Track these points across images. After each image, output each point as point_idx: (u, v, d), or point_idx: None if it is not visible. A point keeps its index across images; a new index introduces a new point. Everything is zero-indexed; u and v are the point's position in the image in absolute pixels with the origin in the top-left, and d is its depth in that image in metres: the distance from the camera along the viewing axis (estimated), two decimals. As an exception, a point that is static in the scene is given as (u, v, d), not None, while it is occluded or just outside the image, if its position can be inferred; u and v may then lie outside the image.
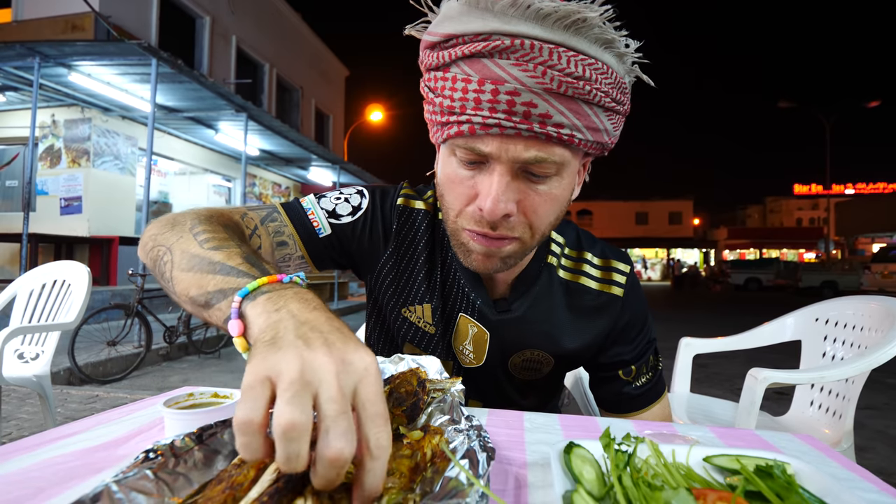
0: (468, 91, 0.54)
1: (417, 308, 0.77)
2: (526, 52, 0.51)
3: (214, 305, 0.48)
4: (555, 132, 0.53)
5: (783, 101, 22.16)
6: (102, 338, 4.10)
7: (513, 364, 0.77)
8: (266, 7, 11.88)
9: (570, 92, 0.52)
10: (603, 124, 0.57)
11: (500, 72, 0.52)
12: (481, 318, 0.74)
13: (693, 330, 5.75)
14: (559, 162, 0.56)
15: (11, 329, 1.80)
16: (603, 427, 0.59)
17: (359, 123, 15.17)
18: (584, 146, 0.57)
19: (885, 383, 3.99)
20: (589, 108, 0.55)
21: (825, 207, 26.94)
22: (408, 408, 0.50)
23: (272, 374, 0.32)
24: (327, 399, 0.31)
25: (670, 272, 24.18)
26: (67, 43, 5.23)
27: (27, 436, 0.53)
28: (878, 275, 15.83)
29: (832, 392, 1.37)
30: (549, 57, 0.51)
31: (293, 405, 0.30)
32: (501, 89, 0.52)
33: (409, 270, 0.77)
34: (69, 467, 0.45)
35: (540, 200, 0.59)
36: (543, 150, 0.55)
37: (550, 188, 0.59)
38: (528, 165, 0.56)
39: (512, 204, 0.57)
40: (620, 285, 0.77)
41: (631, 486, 0.36)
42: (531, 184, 0.58)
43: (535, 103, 0.52)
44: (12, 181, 7.89)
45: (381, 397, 0.33)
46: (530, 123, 0.53)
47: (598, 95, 0.54)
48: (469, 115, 0.54)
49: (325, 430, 0.31)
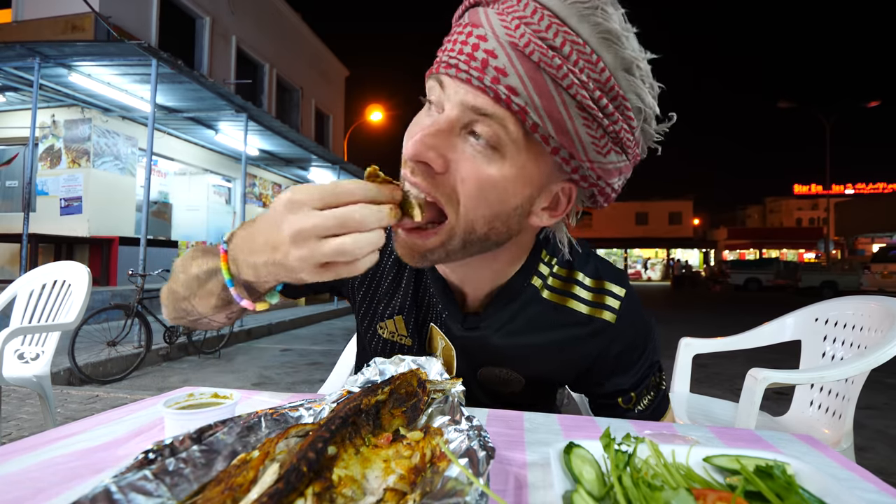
0: (456, 36, 0.52)
1: (389, 323, 0.76)
2: (512, 5, 0.49)
3: (211, 278, 0.59)
4: (505, 94, 0.48)
5: (783, 102, 22.18)
6: (102, 338, 4.10)
7: (483, 377, 0.74)
8: (266, 7, 11.89)
9: (536, 57, 0.47)
10: (574, 127, 0.49)
11: (483, 18, 0.50)
12: (447, 332, 0.72)
13: (693, 330, 5.75)
14: (505, 130, 0.50)
15: (11, 329, 1.80)
16: (603, 427, 0.59)
17: (359, 124, 15.17)
18: (546, 141, 0.50)
19: (885, 383, 3.99)
20: (557, 93, 0.48)
21: (825, 207, 26.93)
22: (408, 408, 0.50)
23: (286, 229, 0.48)
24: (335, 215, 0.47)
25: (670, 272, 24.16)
26: (67, 43, 5.24)
27: (27, 436, 0.53)
28: (877, 275, 15.85)
29: (832, 392, 1.38)
30: (531, 15, 0.48)
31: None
32: (475, 32, 0.50)
33: (378, 284, 0.77)
34: (69, 467, 0.45)
35: (472, 170, 0.52)
36: (491, 105, 0.49)
37: (489, 162, 0.52)
38: (473, 122, 0.51)
39: (436, 154, 0.51)
40: (613, 310, 0.68)
41: (631, 486, 0.36)
42: (472, 149, 0.52)
43: (496, 54, 0.48)
44: (12, 181, 7.89)
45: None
46: (483, 73, 0.49)
47: (572, 81, 0.48)
48: (443, 55, 0.52)
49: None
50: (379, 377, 0.61)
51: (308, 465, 0.33)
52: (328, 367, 4.31)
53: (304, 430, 0.41)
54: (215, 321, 0.67)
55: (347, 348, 1.24)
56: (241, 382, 3.98)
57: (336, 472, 0.36)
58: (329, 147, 14.63)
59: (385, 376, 0.61)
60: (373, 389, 0.49)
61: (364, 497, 0.36)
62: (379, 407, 0.48)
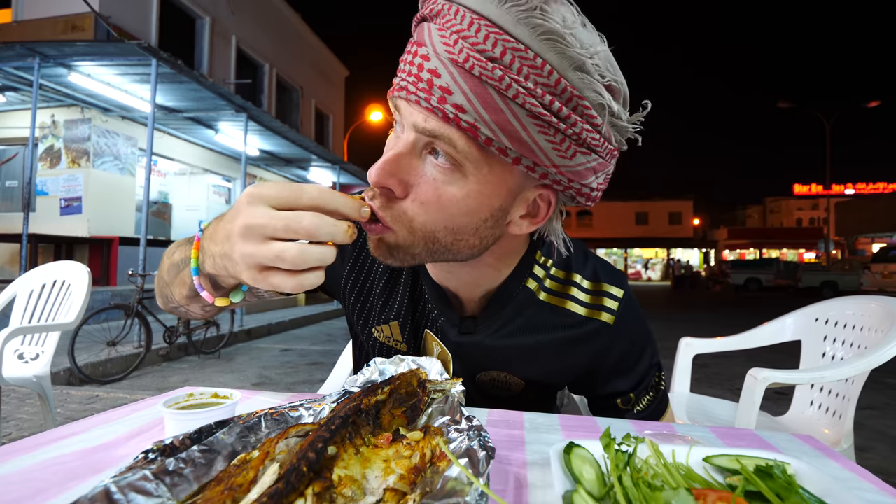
0: (405, 53, 0.51)
1: (384, 328, 0.75)
2: (450, 19, 0.47)
3: (185, 266, 0.60)
4: (452, 113, 0.47)
5: (783, 101, 22.17)
6: (102, 338, 4.10)
7: (481, 381, 0.74)
8: (266, 7, 11.88)
9: (477, 72, 0.45)
10: (530, 135, 0.48)
11: (426, 35, 0.49)
12: (443, 337, 0.71)
13: (693, 330, 5.74)
14: (462, 151, 0.49)
15: (11, 329, 1.80)
16: (603, 427, 0.59)
17: (359, 124, 15.17)
18: (504, 153, 0.49)
19: (885, 383, 3.99)
20: (505, 105, 0.46)
21: (825, 207, 26.95)
22: (408, 408, 0.50)
23: (251, 223, 0.45)
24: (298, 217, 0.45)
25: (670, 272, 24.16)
26: (67, 43, 5.24)
27: (27, 436, 0.53)
28: (877, 275, 15.83)
29: (832, 392, 1.38)
30: (468, 27, 0.46)
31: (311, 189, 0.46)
32: (419, 52, 0.49)
33: (370, 289, 0.76)
34: (69, 468, 0.45)
35: (430, 192, 0.51)
36: (442, 127, 0.48)
37: (450, 182, 0.51)
38: (429, 143, 0.50)
39: (393, 179, 0.51)
40: (612, 311, 0.68)
41: (631, 486, 0.36)
42: (433, 169, 0.51)
43: (438, 73, 0.47)
44: (12, 181, 7.89)
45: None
46: (430, 94, 0.47)
47: (517, 91, 0.45)
48: (397, 77, 0.51)
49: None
50: (379, 377, 0.61)
51: (308, 465, 0.33)
52: (328, 367, 4.31)
53: (304, 430, 0.41)
54: (192, 312, 0.65)
55: (348, 348, 1.24)
56: (241, 382, 3.98)
57: (336, 472, 0.36)
58: (329, 147, 14.63)
59: (385, 376, 0.61)
60: (373, 389, 0.49)
61: (364, 497, 0.36)
62: (379, 407, 0.48)
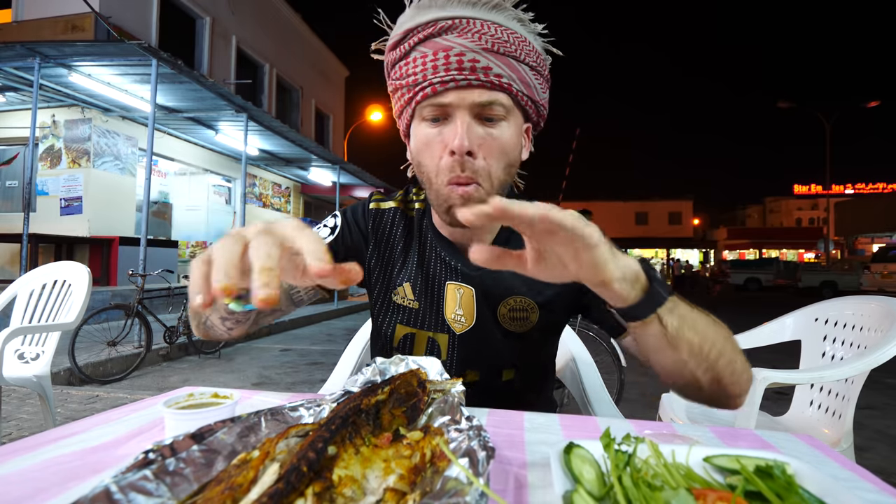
0: (427, 63, 0.70)
1: (400, 290, 0.86)
2: (465, 27, 0.69)
3: None
4: (496, 80, 0.69)
5: (783, 101, 22.15)
6: (102, 338, 4.10)
7: (501, 315, 0.82)
8: (266, 7, 11.88)
9: (502, 50, 0.69)
10: (531, 80, 0.73)
11: (448, 43, 0.69)
12: (464, 277, 0.82)
13: (693, 330, 5.72)
14: (506, 105, 0.71)
15: (12, 329, 1.80)
16: (603, 427, 0.59)
17: (359, 124, 15.17)
18: (520, 97, 0.72)
19: (885, 383, 3.99)
20: (518, 65, 0.71)
21: (825, 207, 26.93)
22: (408, 408, 0.50)
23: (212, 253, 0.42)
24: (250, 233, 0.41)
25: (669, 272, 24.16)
26: (67, 43, 5.24)
27: (27, 436, 0.53)
28: (877, 275, 15.82)
29: (832, 392, 1.38)
30: (482, 28, 0.69)
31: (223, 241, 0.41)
32: (451, 53, 0.68)
33: (391, 260, 0.87)
34: (69, 468, 0.45)
35: (495, 144, 0.71)
36: (492, 95, 0.69)
37: (501, 132, 0.71)
38: (482, 110, 0.69)
39: (474, 144, 0.69)
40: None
41: (631, 486, 0.36)
42: (486, 128, 0.70)
43: (477, 59, 0.68)
44: (12, 181, 7.89)
45: (277, 227, 0.42)
46: (477, 75, 0.68)
47: (523, 55, 0.71)
48: (430, 79, 0.69)
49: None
50: (379, 377, 0.61)
51: (308, 465, 0.33)
52: (328, 367, 4.31)
53: (304, 430, 0.41)
54: (216, 328, 0.73)
55: (349, 348, 1.24)
56: (241, 382, 3.97)
57: (336, 472, 0.36)
58: (329, 147, 14.63)
59: (385, 376, 0.61)
60: (373, 389, 0.49)
61: (364, 497, 0.36)
62: (379, 407, 0.48)
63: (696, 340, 0.57)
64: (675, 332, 0.55)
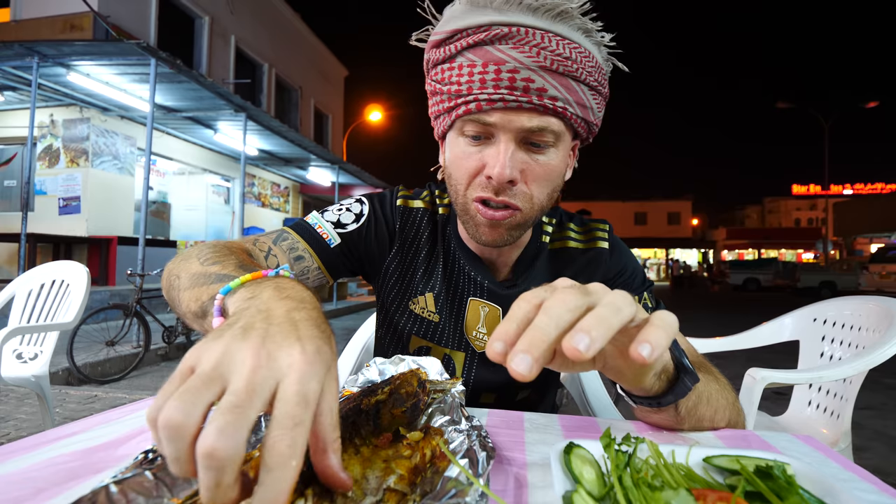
0: (474, 74, 0.61)
1: (420, 299, 0.81)
2: (522, 38, 0.59)
3: (209, 312, 0.50)
4: (550, 104, 0.61)
5: (781, 102, 22.19)
6: (101, 338, 4.09)
7: None
8: (265, 7, 11.87)
9: (561, 69, 0.60)
10: (589, 102, 0.65)
11: (501, 55, 0.60)
12: (491, 296, 0.79)
13: (692, 330, 5.74)
14: (557, 131, 0.63)
15: (10, 329, 1.79)
16: (603, 427, 0.59)
17: (358, 123, 15.16)
18: (574, 121, 0.64)
19: (883, 383, 4.00)
20: (577, 85, 0.62)
21: (823, 208, 26.98)
22: (408, 409, 0.50)
23: (194, 365, 0.30)
24: (229, 392, 0.28)
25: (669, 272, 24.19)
26: (66, 43, 5.22)
27: (26, 436, 0.53)
28: (876, 275, 15.86)
29: (830, 392, 1.38)
30: (542, 40, 0.60)
31: (180, 400, 0.27)
32: (503, 69, 0.60)
33: (413, 266, 0.82)
34: (68, 468, 0.45)
35: (540, 171, 0.65)
36: (543, 120, 0.62)
37: (549, 159, 0.65)
38: (530, 135, 0.62)
39: (517, 171, 0.63)
40: (605, 239, 0.84)
41: (631, 486, 0.36)
42: (532, 154, 0.64)
43: (532, 79, 0.60)
44: (11, 181, 7.88)
45: (303, 399, 0.29)
46: (529, 96, 0.60)
47: (584, 74, 0.62)
48: (476, 93, 0.61)
49: (207, 423, 0.27)
50: (379, 377, 0.61)
51: (308, 465, 0.33)
52: (327, 366, 4.29)
53: (304, 430, 0.41)
54: (193, 326, 0.62)
55: (348, 348, 1.24)
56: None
57: (336, 472, 0.36)
58: (328, 147, 14.62)
59: (385, 376, 0.61)
60: (373, 389, 0.49)
61: (364, 497, 0.36)
62: (379, 407, 0.48)
63: (707, 414, 0.55)
64: (685, 414, 0.52)
